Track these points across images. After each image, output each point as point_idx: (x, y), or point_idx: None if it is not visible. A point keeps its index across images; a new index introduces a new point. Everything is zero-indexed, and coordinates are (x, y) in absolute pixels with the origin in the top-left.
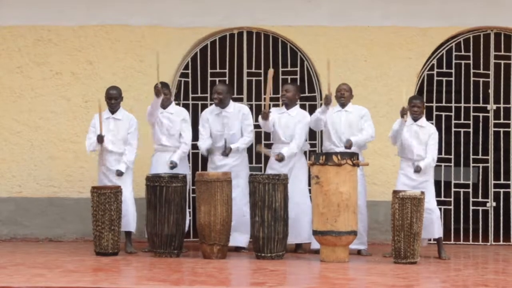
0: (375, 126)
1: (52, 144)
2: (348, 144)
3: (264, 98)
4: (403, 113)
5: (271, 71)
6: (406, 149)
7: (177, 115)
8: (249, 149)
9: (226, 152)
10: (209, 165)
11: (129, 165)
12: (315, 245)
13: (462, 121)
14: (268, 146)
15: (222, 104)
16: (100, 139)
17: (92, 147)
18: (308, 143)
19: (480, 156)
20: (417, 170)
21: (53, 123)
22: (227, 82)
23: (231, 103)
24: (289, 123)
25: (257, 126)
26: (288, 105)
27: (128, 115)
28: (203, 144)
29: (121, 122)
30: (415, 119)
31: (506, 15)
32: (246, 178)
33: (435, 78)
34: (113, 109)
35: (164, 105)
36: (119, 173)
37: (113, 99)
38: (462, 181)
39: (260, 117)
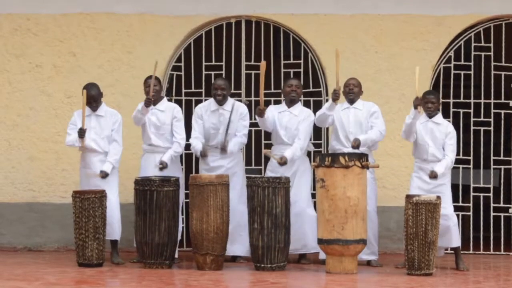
0: (386, 124)
1: (31, 144)
2: (356, 144)
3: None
4: (416, 104)
5: (263, 64)
6: (420, 148)
7: (168, 112)
8: (248, 150)
9: (224, 147)
10: (201, 167)
11: (114, 165)
12: (324, 255)
13: (482, 119)
14: (268, 147)
15: (224, 100)
16: (82, 133)
17: (72, 142)
18: (312, 144)
19: (501, 157)
20: (433, 176)
21: (32, 121)
22: (223, 76)
23: (229, 99)
24: (292, 122)
25: (255, 125)
26: (292, 102)
27: (112, 111)
28: (197, 144)
29: (103, 119)
30: (430, 116)
31: None
32: (243, 180)
33: (452, 71)
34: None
35: (154, 101)
36: (104, 175)
37: (93, 101)
38: (482, 185)
39: (256, 116)
